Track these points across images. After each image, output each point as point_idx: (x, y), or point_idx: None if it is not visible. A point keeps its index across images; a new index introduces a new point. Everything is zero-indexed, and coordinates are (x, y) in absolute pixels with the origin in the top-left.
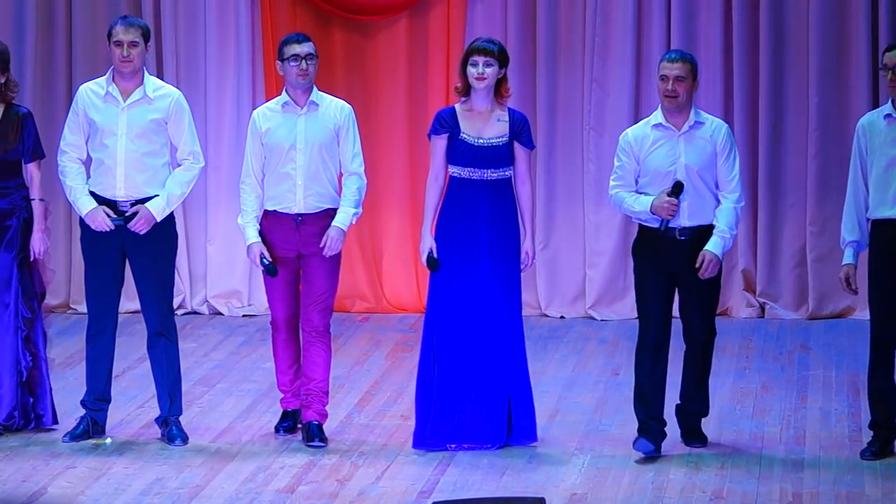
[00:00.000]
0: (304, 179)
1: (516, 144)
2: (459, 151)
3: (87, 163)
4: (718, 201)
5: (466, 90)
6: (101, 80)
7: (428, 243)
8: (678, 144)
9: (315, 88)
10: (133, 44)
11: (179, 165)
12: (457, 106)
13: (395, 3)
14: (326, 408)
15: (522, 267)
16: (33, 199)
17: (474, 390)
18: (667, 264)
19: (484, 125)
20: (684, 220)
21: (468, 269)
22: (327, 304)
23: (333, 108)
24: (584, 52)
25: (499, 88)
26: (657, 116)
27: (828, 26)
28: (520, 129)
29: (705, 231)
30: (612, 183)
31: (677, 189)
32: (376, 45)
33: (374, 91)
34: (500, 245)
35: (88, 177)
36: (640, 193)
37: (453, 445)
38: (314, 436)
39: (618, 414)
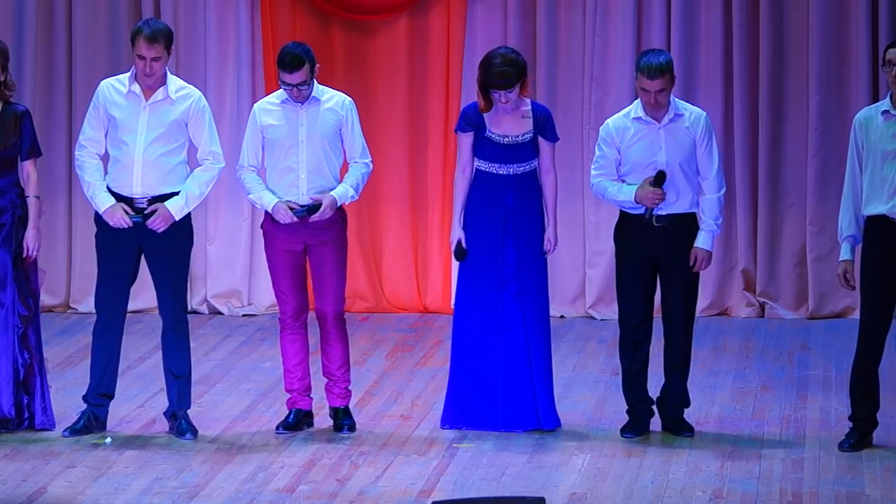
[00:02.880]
0: (307, 173)
1: (540, 138)
2: (486, 148)
3: (104, 158)
4: (698, 190)
5: (490, 105)
6: (124, 77)
7: (457, 234)
8: (659, 137)
9: (315, 83)
10: (156, 59)
11: (199, 165)
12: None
13: (395, 3)
14: (349, 388)
15: (546, 253)
16: (28, 197)
17: (500, 375)
18: (646, 250)
19: (509, 124)
20: (662, 209)
21: (494, 257)
22: (339, 292)
23: (334, 102)
24: (584, 52)
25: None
26: (637, 110)
27: (828, 26)
28: (544, 124)
29: (682, 219)
30: (593, 172)
31: (660, 178)
32: (376, 45)
33: (374, 91)
34: (525, 234)
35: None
36: (622, 182)
37: (478, 427)
38: (343, 425)
39: (618, 414)
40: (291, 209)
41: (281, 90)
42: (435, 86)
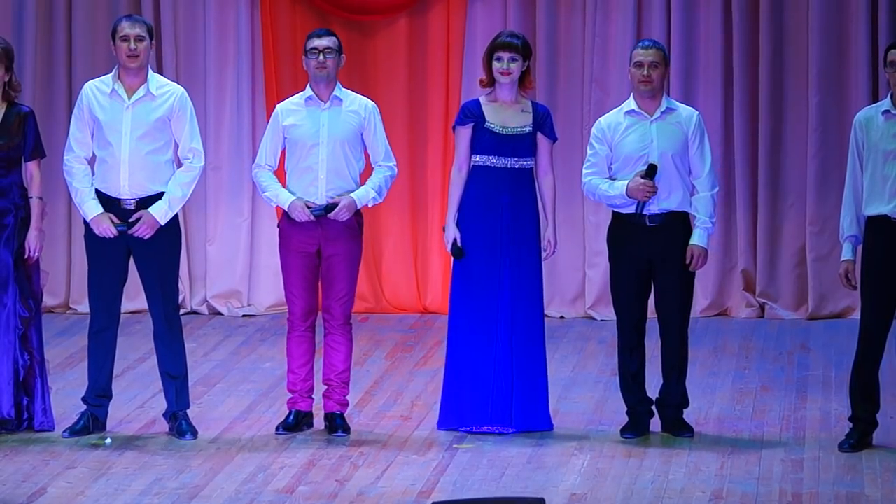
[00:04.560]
0: (326, 174)
1: (539, 135)
2: (484, 140)
3: (92, 160)
4: (690, 189)
5: (491, 83)
6: (107, 77)
7: (452, 233)
8: (650, 130)
9: (339, 84)
10: (139, 38)
11: (181, 164)
12: (481, 98)
13: (395, 3)
14: (347, 397)
15: (545, 255)
16: (31, 198)
17: (495, 375)
18: (639, 252)
19: (508, 115)
20: (653, 206)
21: (489, 256)
22: (349, 297)
23: (357, 105)
24: (584, 52)
25: (522, 80)
26: (630, 104)
27: (828, 26)
28: (543, 121)
29: (676, 217)
30: (585, 171)
31: (651, 171)
32: (376, 45)
33: (374, 91)
34: (520, 233)
35: (93, 174)
36: (613, 179)
37: (474, 427)
38: (337, 427)
39: (618, 414)
40: (308, 207)
41: (304, 90)
42: (435, 86)
